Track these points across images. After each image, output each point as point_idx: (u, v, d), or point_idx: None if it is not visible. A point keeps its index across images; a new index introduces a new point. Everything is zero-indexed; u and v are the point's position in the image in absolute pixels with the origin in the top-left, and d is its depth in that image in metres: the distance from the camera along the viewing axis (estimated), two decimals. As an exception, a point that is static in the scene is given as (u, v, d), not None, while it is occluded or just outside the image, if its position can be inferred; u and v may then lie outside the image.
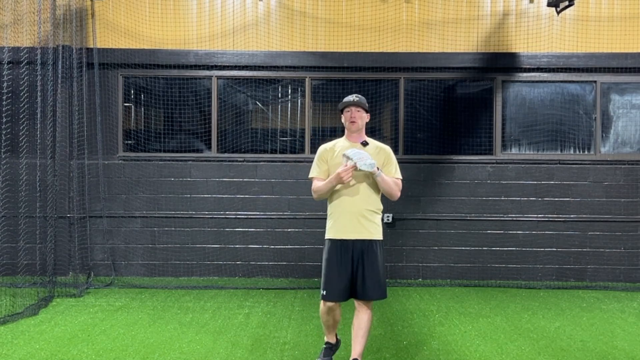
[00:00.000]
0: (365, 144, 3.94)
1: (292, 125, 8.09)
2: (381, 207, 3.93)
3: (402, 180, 4.02)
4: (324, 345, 4.13)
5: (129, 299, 6.50)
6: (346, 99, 3.95)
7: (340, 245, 3.82)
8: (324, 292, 3.83)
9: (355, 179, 3.80)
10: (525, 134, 8.03)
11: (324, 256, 3.91)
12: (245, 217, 7.87)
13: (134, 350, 4.55)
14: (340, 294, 3.78)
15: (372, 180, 3.83)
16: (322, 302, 3.90)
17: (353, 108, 3.91)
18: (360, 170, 3.70)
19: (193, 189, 7.90)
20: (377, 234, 3.87)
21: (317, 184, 3.92)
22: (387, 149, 4.00)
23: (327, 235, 3.92)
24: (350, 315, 4.33)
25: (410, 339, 4.96)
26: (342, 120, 4.00)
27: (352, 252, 3.80)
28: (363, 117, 3.95)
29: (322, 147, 4.03)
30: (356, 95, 3.96)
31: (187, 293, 6.90)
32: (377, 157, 3.88)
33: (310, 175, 4.03)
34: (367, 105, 3.98)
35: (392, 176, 3.92)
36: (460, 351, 4.60)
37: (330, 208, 3.93)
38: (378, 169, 3.76)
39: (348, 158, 3.70)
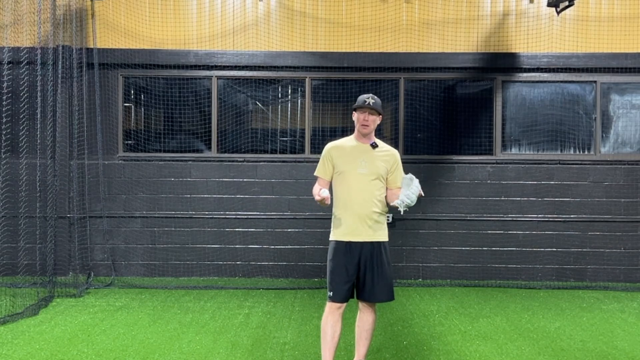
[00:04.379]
0: (374, 145, 3.83)
1: (292, 125, 8.09)
2: (387, 208, 3.89)
3: None
4: None
5: (129, 299, 6.50)
6: (361, 99, 3.79)
7: (346, 247, 3.75)
8: (331, 293, 3.74)
9: (363, 181, 3.75)
10: (525, 134, 8.03)
11: (329, 257, 3.81)
12: (245, 217, 7.87)
13: (134, 350, 4.55)
14: (346, 294, 3.73)
15: (380, 185, 3.79)
16: (327, 306, 3.78)
17: (368, 111, 3.77)
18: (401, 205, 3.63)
19: (193, 189, 7.90)
20: (383, 235, 3.82)
21: (316, 188, 3.89)
22: (396, 154, 3.90)
23: (333, 237, 3.83)
24: (352, 315, 4.31)
25: (410, 339, 4.96)
26: (354, 119, 3.85)
27: (359, 254, 3.73)
28: (376, 121, 3.82)
29: (329, 146, 3.93)
30: (372, 96, 3.79)
31: (187, 293, 6.90)
32: (384, 161, 3.81)
33: (315, 173, 3.96)
34: (381, 108, 3.85)
35: (397, 186, 3.82)
36: (461, 351, 4.60)
37: (336, 208, 3.84)
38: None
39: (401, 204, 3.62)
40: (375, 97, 3.81)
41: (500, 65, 7.88)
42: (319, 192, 3.70)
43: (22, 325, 5.28)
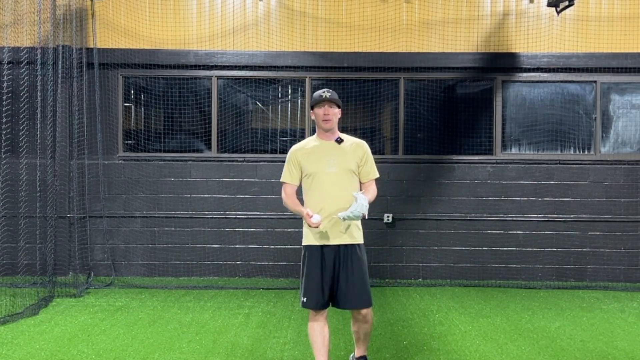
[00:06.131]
0: (340, 141, 3.68)
1: (292, 125, 8.09)
2: None
3: (402, 181, 3.94)
4: None
5: (129, 299, 6.51)
6: (318, 95, 3.65)
7: (321, 251, 3.59)
8: (304, 299, 3.58)
9: (335, 180, 3.60)
10: (525, 134, 8.03)
11: (303, 262, 3.65)
12: (245, 217, 7.87)
13: (134, 350, 4.55)
14: (321, 301, 3.57)
15: (353, 180, 3.66)
16: (310, 314, 3.67)
17: (327, 105, 3.62)
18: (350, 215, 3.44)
19: (193, 189, 7.90)
20: (359, 237, 3.66)
21: (286, 193, 3.74)
22: (364, 145, 3.75)
23: (306, 241, 3.66)
24: (348, 315, 4.32)
25: (410, 339, 4.96)
26: (313, 118, 3.70)
27: (334, 258, 3.58)
28: (337, 114, 3.67)
29: (293, 149, 3.76)
30: (328, 90, 3.66)
31: (187, 293, 6.90)
32: (353, 155, 3.66)
33: (281, 180, 3.77)
34: (339, 100, 3.70)
35: (370, 178, 3.73)
36: (461, 351, 4.60)
37: (309, 209, 3.61)
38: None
39: (344, 219, 3.45)
40: (331, 90, 3.68)
41: (500, 65, 7.88)
42: (311, 219, 3.48)
43: (22, 325, 5.28)
